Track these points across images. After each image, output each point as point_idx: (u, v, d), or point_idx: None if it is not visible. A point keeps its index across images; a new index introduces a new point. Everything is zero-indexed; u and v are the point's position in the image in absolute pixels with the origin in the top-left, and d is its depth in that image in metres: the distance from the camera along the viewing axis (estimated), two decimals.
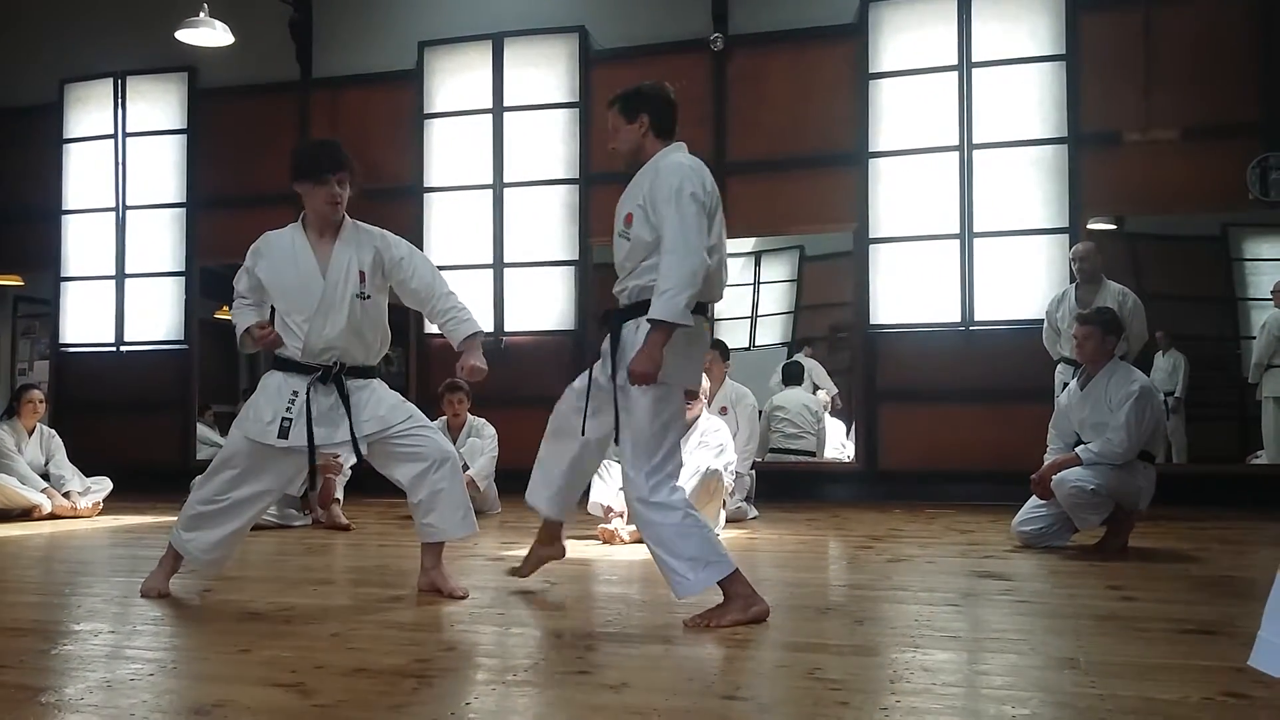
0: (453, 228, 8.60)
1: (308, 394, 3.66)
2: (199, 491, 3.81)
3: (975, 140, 7.55)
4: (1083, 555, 4.75)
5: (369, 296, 3.72)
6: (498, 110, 8.52)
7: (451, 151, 8.64)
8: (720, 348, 6.83)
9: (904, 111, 7.73)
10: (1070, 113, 7.40)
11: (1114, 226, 8.62)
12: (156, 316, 9.33)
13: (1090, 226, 7.49)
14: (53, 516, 6.81)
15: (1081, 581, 4.04)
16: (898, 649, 2.89)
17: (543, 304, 8.35)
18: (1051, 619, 3.33)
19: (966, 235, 7.53)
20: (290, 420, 3.64)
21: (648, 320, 3.16)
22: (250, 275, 3.78)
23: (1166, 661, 2.75)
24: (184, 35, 8.15)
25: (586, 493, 5.63)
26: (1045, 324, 6.72)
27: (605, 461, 5.88)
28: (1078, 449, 4.86)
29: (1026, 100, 7.50)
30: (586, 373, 3.55)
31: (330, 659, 2.80)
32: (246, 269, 3.79)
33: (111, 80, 9.44)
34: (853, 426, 8.33)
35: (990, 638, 3.07)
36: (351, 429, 3.66)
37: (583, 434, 3.50)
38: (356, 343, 3.72)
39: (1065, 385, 6.27)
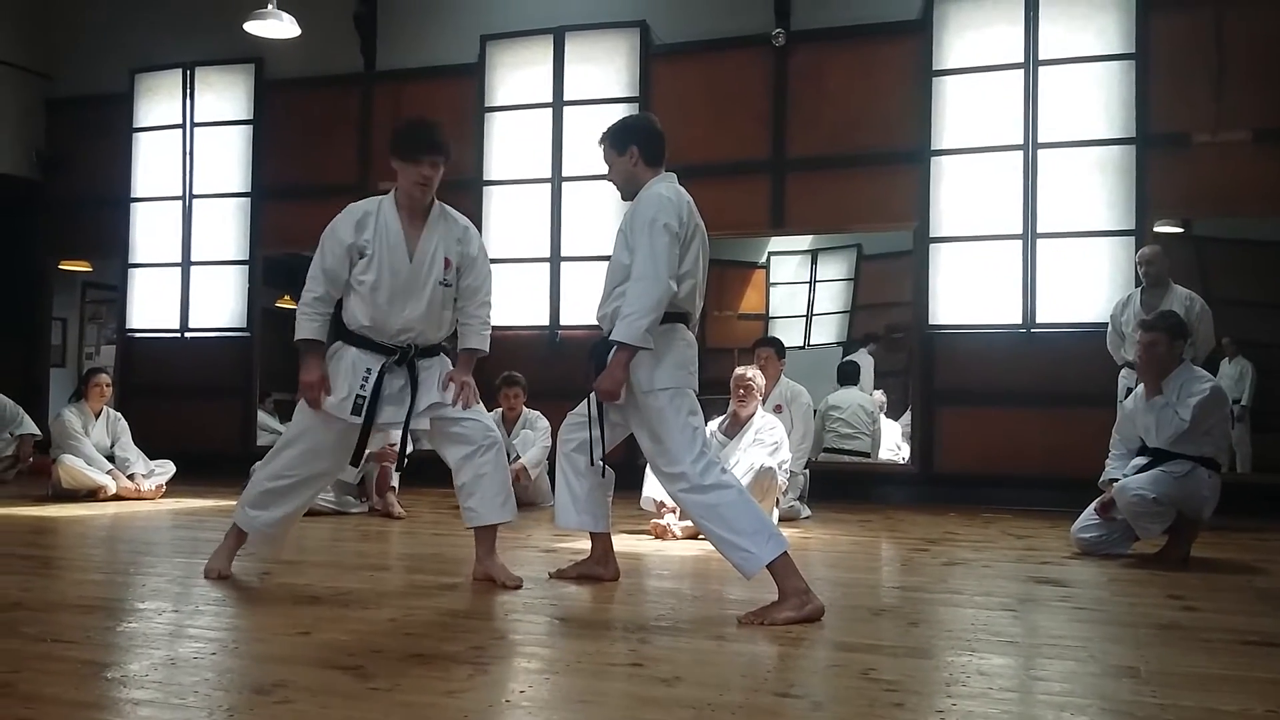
0: (511, 220, 8.65)
1: (381, 374, 3.68)
2: (266, 468, 3.85)
3: (1040, 140, 7.44)
4: (1143, 564, 4.66)
5: (450, 284, 3.76)
6: (558, 104, 8.55)
7: (511, 145, 8.69)
8: (776, 345, 6.81)
9: (968, 109, 7.63)
10: (1138, 113, 7.25)
11: (1181, 230, 8.45)
12: (220, 304, 9.49)
13: (1157, 229, 7.34)
14: (117, 498, 6.96)
15: (1142, 590, 3.97)
16: (953, 652, 2.87)
17: (598, 298, 8.34)
18: (1111, 627, 3.28)
19: (1029, 236, 7.42)
20: (364, 398, 3.66)
21: (610, 340, 3.41)
22: (345, 250, 3.66)
23: (1228, 673, 2.70)
24: (252, 27, 8.27)
25: (640, 487, 5.67)
26: (1110, 328, 6.60)
27: None
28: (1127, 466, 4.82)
29: (1093, 100, 7.37)
30: (585, 403, 3.71)
31: (387, 644, 2.84)
32: (343, 243, 3.66)
33: (181, 71, 9.61)
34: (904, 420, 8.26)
35: (1048, 644, 3.03)
36: (410, 409, 3.68)
37: (592, 464, 3.70)
38: (432, 325, 3.76)
39: (1129, 390, 6.17)
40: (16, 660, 2.59)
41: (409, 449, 3.90)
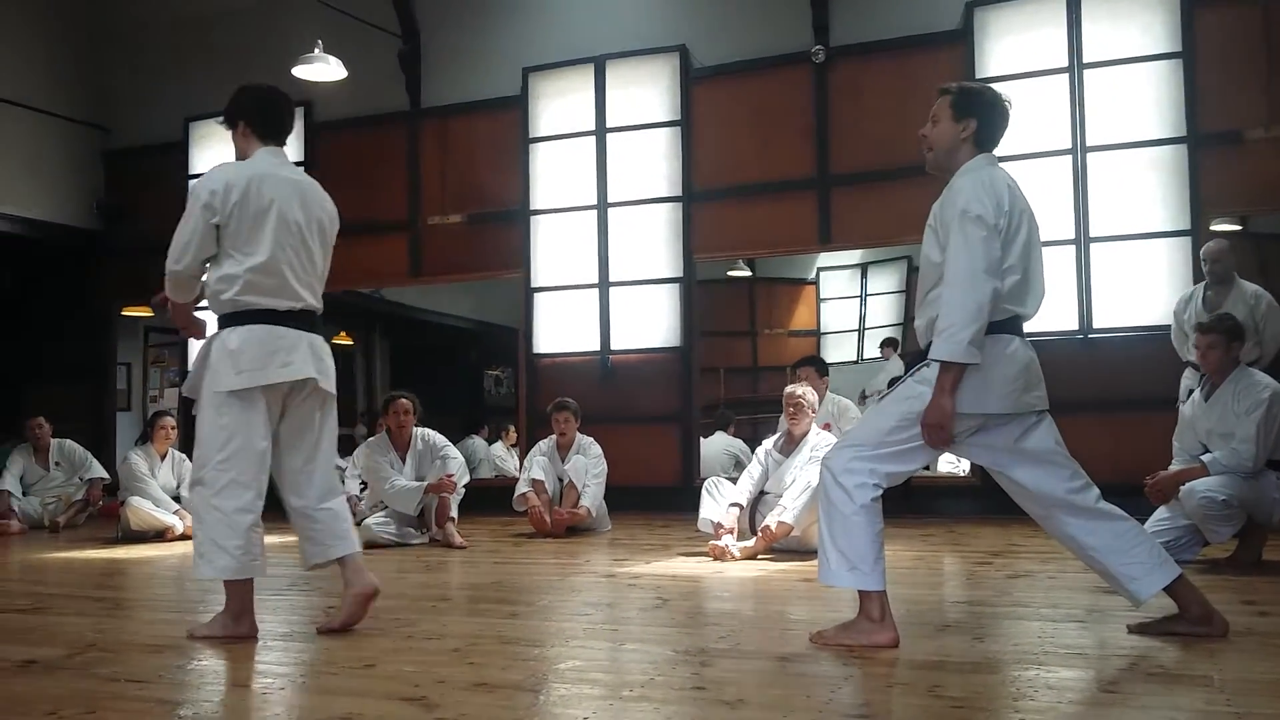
0: (559, 249, 8.71)
1: None
2: None
3: (1089, 143, 7.35)
4: (1214, 569, 4.56)
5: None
6: (601, 131, 8.61)
7: (556, 174, 8.77)
8: (817, 364, 6.78)
9: (1014, 116, 7.53)
10: (1188, 111, 7.14)
11: (1238, 227, 8.29)
12: None
13: (1213, 228, 7.21)
14: (185, 537, 7.06)
15: (1214, 596, 3.86)
16: (1020, 666, 2.83)
17: (648, 322, 8.39)
18: (1183, 635, 3.21)
19: (1082, 240, 7.33)
20: None
21: (931, 361, 3.04)
22: None
23: None
24: (300, 71, 8.45)
25: (696, 510, 5.67)
26: (1173, 325, 6.42)
27: (715, 479, 5.90)
28: (1204, 457, 4.68)
29: (1142, 100, 7.27)
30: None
31: (452, 674, 2.86)
32: None
33: None
34: None
35: (1118, 655, 2.98)
36: None
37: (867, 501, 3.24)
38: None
39: (1190, 391, 6.05)
40: (92, 700, 2.65)
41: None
